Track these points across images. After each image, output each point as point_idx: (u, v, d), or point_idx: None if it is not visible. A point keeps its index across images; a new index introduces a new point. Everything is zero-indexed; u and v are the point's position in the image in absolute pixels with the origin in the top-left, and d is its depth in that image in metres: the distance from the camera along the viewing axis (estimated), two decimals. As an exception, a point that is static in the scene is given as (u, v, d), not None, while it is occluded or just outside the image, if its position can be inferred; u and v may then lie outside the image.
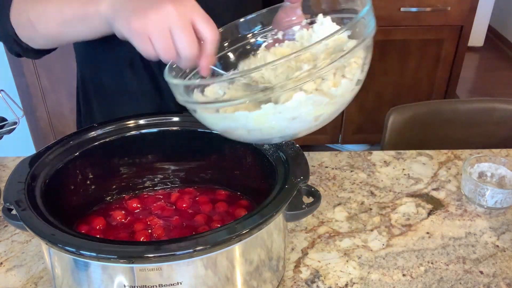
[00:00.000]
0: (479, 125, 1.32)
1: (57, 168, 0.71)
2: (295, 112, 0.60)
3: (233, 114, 0.62)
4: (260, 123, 0.62)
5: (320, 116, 0.63)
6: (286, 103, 0.59)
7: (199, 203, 0.80)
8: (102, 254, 0.54)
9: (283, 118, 0.61)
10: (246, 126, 0.63)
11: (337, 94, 0.61)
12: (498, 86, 3.18)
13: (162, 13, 0.56)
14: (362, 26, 0.63)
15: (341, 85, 0.61)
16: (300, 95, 0.59)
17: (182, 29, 0.56)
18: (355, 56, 0.62)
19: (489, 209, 0.86)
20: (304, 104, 0.60)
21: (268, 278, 0.67)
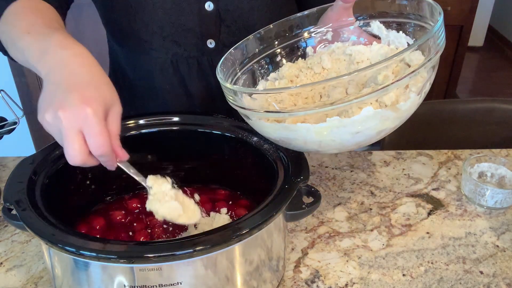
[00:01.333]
0: (479, 125, 1.32)
1: (57, 168, 0.71)
2: (360, 127, 0.60)
3: (295, 125, 0.61)
4: (321, 136, 0.61)
5: (383, 130, 0.62)
6: (353, 117, 0.59)
7: (199, 203, 0.80)
8: (102, 254, 0.54)
9: (347, 132, 0.60)
10: (306, 138, 0.62)
11: (404, 109, 0.61)
12: (498, 86, 3.19)
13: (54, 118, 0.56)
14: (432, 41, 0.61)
15: (410, 99, 0.60)
16: (368, 109, 0.58)
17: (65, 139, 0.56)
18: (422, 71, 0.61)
19: (489, 209, 0.86)
20: (372, 118, 0.59)
21: (268, 278, 0.67)
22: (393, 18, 0.72)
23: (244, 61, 0.76)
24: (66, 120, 0.55)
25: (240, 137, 0.77)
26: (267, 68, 0.78)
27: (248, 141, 0.76)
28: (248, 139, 0.76)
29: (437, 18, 0.63)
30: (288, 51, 0.79)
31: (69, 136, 0.56)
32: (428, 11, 0.67)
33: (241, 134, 0.77)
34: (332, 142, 0.62)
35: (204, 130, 0.79)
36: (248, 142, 0.76)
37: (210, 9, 0.84)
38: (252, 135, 0.76)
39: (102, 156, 0.58)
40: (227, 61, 0.72)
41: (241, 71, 0.75)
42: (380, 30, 0.72)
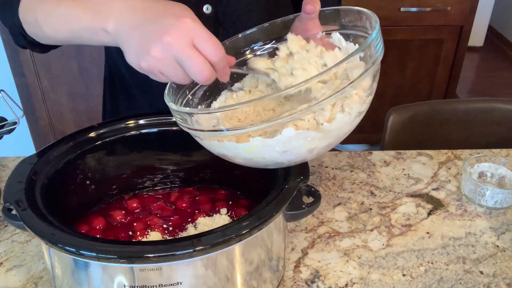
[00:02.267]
0: (479, 125, 1.32)
1: (57, 168, 0.71)
2: (286, 146, 0.59)
3: (222, 143, 0.61)
4: (250, 153, 0.60)
5: (314, 149, 0.61)
6: (275, 137, 0.58)
7: (199, 203, 0.80)
8: (102, 254, 0.54)
9: (273, 150, 0.60)
10: (238, 155, 0.62)
11: (331, 129, 0.59)
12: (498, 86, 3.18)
13: (163, 47, 0.55)
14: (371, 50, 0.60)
15: (335, 120, 0.59)
16: (289, 130, 0.57)
17: (186, 58, 0.55)
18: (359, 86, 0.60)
19: (489, 209, 0.86)
20: (295, 138, 0.58)
21: (268, 278, 0.67)
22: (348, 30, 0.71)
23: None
24: (176, 40, 0.54)
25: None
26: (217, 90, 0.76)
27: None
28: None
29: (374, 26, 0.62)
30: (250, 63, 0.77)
31: (189, 53, 0.54)
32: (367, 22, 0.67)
33: (241, 134, 0.77)
34: (262, 159, 0.62)
35: (204, 130, 0.79)
36: (248, 142, 0.76)
37: (208, 11, 0.83)
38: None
39: (221, 61, 0.57)
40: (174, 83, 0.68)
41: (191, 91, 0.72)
42: (340, 42, 0.71)
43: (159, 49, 0.55)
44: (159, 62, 0.56)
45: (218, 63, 0.57)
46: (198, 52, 0.55)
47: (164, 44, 0.54)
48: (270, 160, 0.62)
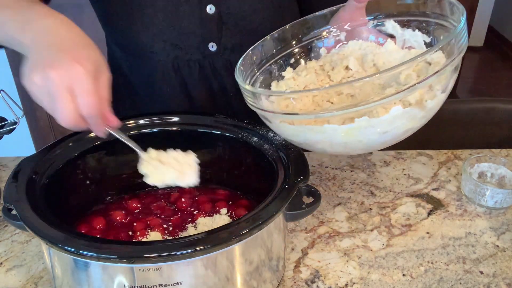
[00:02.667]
0: (479, 125, 1.32)
1: (57, 168, 0.71)
2: (389, 126, 0.59)
3: (321, 127, 0.61)
4: (349, 136, 0.60)
5: (410, 129, 0.62)
6: (381, 116, 0.58)
7: (199, 203, 0.80)
8: (102, 254, 0.54)
9: (375, 132, 0.60)
10: (332, 140, 0.62)
11: (431, 107, 0.60)
12: (498, 86, 3.19)
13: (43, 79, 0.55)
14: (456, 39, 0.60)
15: (436, 97, 0.60)
16: (397, 108, 0.58)
17: (56, 98, 0.55)
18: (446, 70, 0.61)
19: (489, 209, 0.86)
20: (400, 117, 0.59)
21: (268, 278, 0.67)
22: (413, 17, 0.71)
23: (262, 62, 0.76)
24: (57, 78, 0.54)
25: (240, 137, 0.77)
26: (283, 68, 0.78)
27: (248, 141, 0.76)
28: (248, 139, 0.76)
29: (459, 17, 0.62)
30: (304, 51, 0.78)
31: (61, 95, 0.54)
32: (448, 9, 0.67)
33: (241, 134, 0.77)
34: (359, 143, 0.62)
35: (204, 130, 0.79)
36: (248, 142, 0.76)
37: (212, 12, 0.84)
38: (252, 135, 0.76)
39: (92, 117, 0.57)
40: (245, 63, 0.71)
41: (259, 71, 0.75)
42: (395, 29, 0.72)
43: (40, 78, 0.55)
44: (36, 89, 0.56)
45: (88, 119, 0.57)
46: (70, 99, 0.55)
47: (46, 75, 0.55)
48: (366, 144, 0.62)
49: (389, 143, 0.65)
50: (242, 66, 0.70)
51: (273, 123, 0.65)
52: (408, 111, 0.59)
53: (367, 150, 0.65)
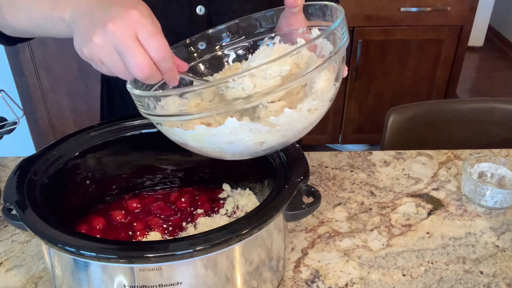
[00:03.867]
0: (479, 125, 1.32)
1: (57, 168, 0.71)
2: (232, 137, 0.57)
3: (172, 129, 0.60)
4: (198, 142, 0.59)
5: (264, 142, 0.59)
6: (219, 126, 0.56)
7: (199, 203, 0.80)
8: (102, 254, 0.54)
9: (219, 140, 0.58)
10: (189, 143, 0.60)
11: (278, 123, 0.57)
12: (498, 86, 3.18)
13: (104, 35, 0.52)
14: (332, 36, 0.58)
15: (283, 114, 0.56)
16: (231, 121, 0.55)
17: (125, 50, 0.52)
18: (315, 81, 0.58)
19: (489, 209, 0.86)
20: (240, 130, 0.56)
21: (268, 278, 0.67)
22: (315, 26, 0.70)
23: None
24: (118, 30, 0.51)
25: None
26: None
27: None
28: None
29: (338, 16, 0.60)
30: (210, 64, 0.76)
31: (129, 45, 0.52)
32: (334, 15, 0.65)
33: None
34: (212, 149, 0.60)
35: (204, 130, 0.79)
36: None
37: (202, 13, 0.83)
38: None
39: (165, 60, 0.54)
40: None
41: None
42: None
43: (101, 36, 0.52)
44: (99, 50, 0.53)
45: (161, 63, 0.54)
46: (141, 47, 0.52)
47: (107, 31, 0.52)
48: (220, 151, 0.60)
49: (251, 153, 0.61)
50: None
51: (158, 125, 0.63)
52: (246, 124, 0.56)
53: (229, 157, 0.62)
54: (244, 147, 0.59)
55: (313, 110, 0.58)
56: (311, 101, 0.58)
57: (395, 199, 0.89)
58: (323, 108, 0.60)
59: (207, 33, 0.76)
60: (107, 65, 0.55)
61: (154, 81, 0.55)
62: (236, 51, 0.77)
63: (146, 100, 0.60)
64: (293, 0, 0.68)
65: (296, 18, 0.71)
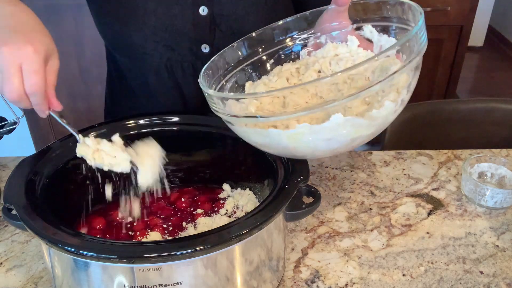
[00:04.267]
0: (479, 125, 1.32)
1: (57, 168, 0.71)
2: (332, 133, 0.58)
3: (266, 130, 0.60)
4: (293, 141, 0.60)
5: (358, 138, 0.61)
6: (323, 123, 0.57)
7: (199, 203, 0.80)
8: (102, 254, 0.54)
9: (319, 138, 0.59)
10: (279, 143, 0.61)
11: (378, 116, 0.59)
12: (498, 86, 3.18)
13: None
14: (413, 42, 0.59)
15: (384, 107, 0.59)
16: (338, 116, 0.57)
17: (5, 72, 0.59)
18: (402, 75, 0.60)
19: (489, 209, 0.86)
20: (342, 125, 0.58)
21: (268, 278, 0.67)
22: (377, 22, 0.71)
23: (229, 68, 0.75)
24: (8, 55, 0.58)
25: (240, 137, 0.77)
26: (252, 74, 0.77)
27: (248, 141, 0.76)
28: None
29: (418, 19, 0.61)
30: (275, 57, 0.77)
31: (9, 70, 0.59)
32: (410, 13, 0.66)
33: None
34: (306, 148, 0.61)
35: (204, 130, 0.79)
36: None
37: (205, 13, 0.83)
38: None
39: (34, 96, 0.61)
40: (210, 69, 0.71)
41: (225, 78, 0.74)
42: (372, 34, 0.71)
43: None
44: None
45: (31, 97, 0.61)
46: (19, 75, 0.59)
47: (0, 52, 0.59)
48: (314, 149, 0.62)
49: (341, 150, 0.63)
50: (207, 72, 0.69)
51: (234, 125, 0.65)
52: (350, 119, 0.57)
53: (318, 155, 0.64)
54: (340, 143, 0.61)
55: (405, 102, 0.61)
56: (406, 92, 0.60)
57: (395, 199, 0.89)
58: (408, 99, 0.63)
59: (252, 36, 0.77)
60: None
61: (23, 107, 0.63)
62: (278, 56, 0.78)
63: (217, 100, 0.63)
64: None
65: (343, 16, 0.72)
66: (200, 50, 0.87)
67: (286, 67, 0.76)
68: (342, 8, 0.71)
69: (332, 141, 0.60)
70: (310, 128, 0.58)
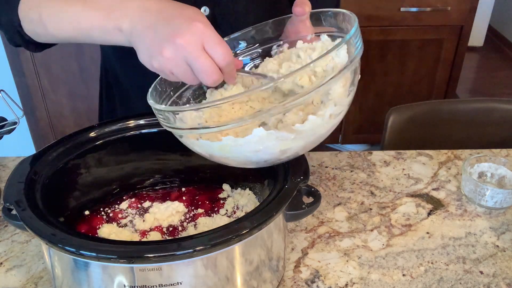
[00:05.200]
0: (479, 125, 1.32)
1: (57, 168, 0.71)
2: (258, 146, 0.59)
3: (198, 141, 0.61)
4: (225, 152, 0.61)
5: (288, 149, 0.61)
6: (246, 137, 0.58)
7: (199, 203, 0.80)
8: (102, 254, 0.54)
9: (246, 150, 0.60)
10: (214, 153, 0.62)
11: (303, 130, 0.59)
12: (498, 86, 3.19)
13: (174, 49, 0.56)
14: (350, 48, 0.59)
15: (308, 120, 0.58)
16: (259, 130, 0.57)
17: (196, 61, 0.57)
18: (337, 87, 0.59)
19: (489, 209, 0.86)
20: (266, 139, 0.58)
21: (268, 278, 0.67)
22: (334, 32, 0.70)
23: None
24: (188, 43, 0.56)
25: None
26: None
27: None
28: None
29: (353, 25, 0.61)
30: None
31: (199, 55, 0.56)
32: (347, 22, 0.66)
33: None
34: (238, 158, 0.62)
35: (204, 130, 0.79)
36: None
37: (206, 13, 0.83)
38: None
39: (229, 65, 0.59)
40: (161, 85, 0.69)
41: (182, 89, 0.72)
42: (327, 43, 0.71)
43: (171, 50, 0.57)
44: (170, 63, 0.58)
45: (226, 67, 0.59)
46: (208, 56, 0.57)
47: (176, 46, 0.56)
48: (245, 159, 0.62)
49: (274, 161, 0.63)
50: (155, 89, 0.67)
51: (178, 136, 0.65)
52: (273, 133, 0.58)
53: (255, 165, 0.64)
54: (269, 155, 0.61)
55: (334, 115, 0.60)
56: (333, 106, 0.60)
57: (395, 199, 0.89)
58: (342, 112, 0.62)
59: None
60: (176, 75, 0.59)
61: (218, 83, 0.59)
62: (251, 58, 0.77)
63: (166, 114, 0.62)
64: (301, 8, 0.69)
65: (304, 25, 0.71)
66: None
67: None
68: (303, 17, 0.70)
69: (261, 153, 0.60)
70: (234, 141, 0.58)
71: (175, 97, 0.71)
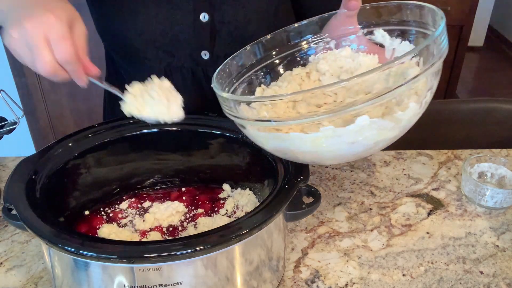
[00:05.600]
0: (479, 125, 1.32)
1: (57, 168, 0.71)
2: (357, 136, 0.57)
3: (287, 134, 0.59)
4: (316, 145, 0.59)
5: (381, 141, 0.60)
6: (347, 126, 0.56)
7: (199, 203, 0.80)
8: (102, 254, 0.54)
9: (342, 141, 0.58)
10: (300, 148, 0.60)
11: (403, 119, 0.58)
12: (498, 86, 3.19)
13: (19, 31, 0.58)
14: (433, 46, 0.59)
15: (409, 108, 0.58)
16: (363, 118, 0.55)
17: (34, 48, 0.58)
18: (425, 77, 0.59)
19: (489, 209, 0.86)
20: (367, 128, 0.56)
21: (268, 278, 0.67)
22: (395, 26, 0.70)
23: (242, 71, 0.74)
24: (31, 28, 0.57)
25: (240, 137, 0.77)
26: (264, 78, 0.77)
27: (248, 141, 0.76)
28: (248, 139, 0.76)
29: (439, 23, 0.60)
30: (287, 60, 0.77)
31: (37, 43, 0.57)
32: (430, 17, 0.65)
33: (241, 134, 0.77)
34: (328, 152, 0.60)
35: (204, 130, 0.79)
36: (248, 142, 0.76)
37: (205, 20, 0.83)
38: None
39: (68, 64, 0.59)
40: (223, 71, 0.70)
41: (238, 81, 0.74)
42: (384, 38, 0.70)
43: (17, 31, 0.58)
44: (15, 43, 0.59)
45: (65, 65, 0.59)
46: (47, 47, 0.58)
47: (22, 28, 0.58)
48: (336, 153, 0.60)
49: (362, 154, 0.62)
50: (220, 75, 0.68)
51: (247, 129, 0.64)
52: (376, 121, 0.56)
53: (338, 161, 0.62)
54: (363, 147, 0.60)
55: (427, 103, 0.61)
56: (430, 94, 0.60)
57: (395, 199, 0.89)
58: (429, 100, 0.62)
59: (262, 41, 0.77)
60: (21, 58, 0.60)
61: (60, 80, 0.61)
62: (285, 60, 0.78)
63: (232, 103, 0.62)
64: (356, 2, 0.69)
65: (352, 21, 0.71)
66: (200, 57, 0.86)
67: (296, 71, 0.75)
68: (352, 12, 0.70)
69: (356, 145, 0.58)
70: (334, 131, 0.56)
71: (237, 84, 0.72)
